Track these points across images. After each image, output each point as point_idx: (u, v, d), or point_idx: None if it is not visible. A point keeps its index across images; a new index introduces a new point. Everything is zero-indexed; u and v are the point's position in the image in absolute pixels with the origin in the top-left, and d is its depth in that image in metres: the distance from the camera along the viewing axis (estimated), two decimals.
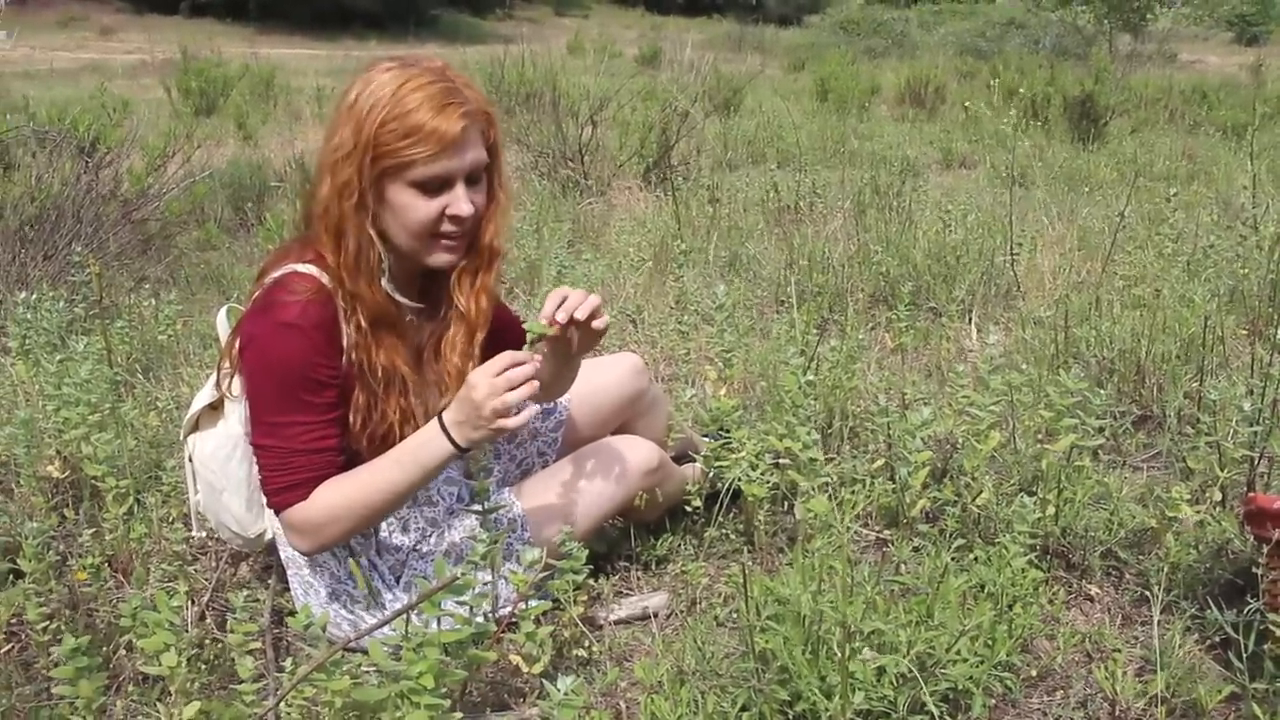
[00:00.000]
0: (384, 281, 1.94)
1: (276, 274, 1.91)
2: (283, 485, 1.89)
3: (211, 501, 2.18)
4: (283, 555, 2.13)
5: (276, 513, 1.94)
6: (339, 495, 1.89)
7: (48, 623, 1.95)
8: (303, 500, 1.89)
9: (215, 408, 2.16)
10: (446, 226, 1.91)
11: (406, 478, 1.90)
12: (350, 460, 1.95)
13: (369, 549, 2.06)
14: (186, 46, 14.84)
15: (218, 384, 2.12)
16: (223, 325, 2.22)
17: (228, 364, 2.05)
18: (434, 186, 1.87)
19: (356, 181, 1.85)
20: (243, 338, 1.91)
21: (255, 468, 2.10)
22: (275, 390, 1.87)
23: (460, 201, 1.88)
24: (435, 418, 1.89)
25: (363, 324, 1.91)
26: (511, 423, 1.82)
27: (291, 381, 1.87)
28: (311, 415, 1.88)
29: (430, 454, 1.88)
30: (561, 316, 1.94)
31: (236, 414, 2.11)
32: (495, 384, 1.80)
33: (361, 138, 1.83)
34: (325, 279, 1.90)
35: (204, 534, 2.34)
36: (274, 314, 1.86)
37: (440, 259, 1.95)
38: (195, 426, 2.19)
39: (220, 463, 2.13)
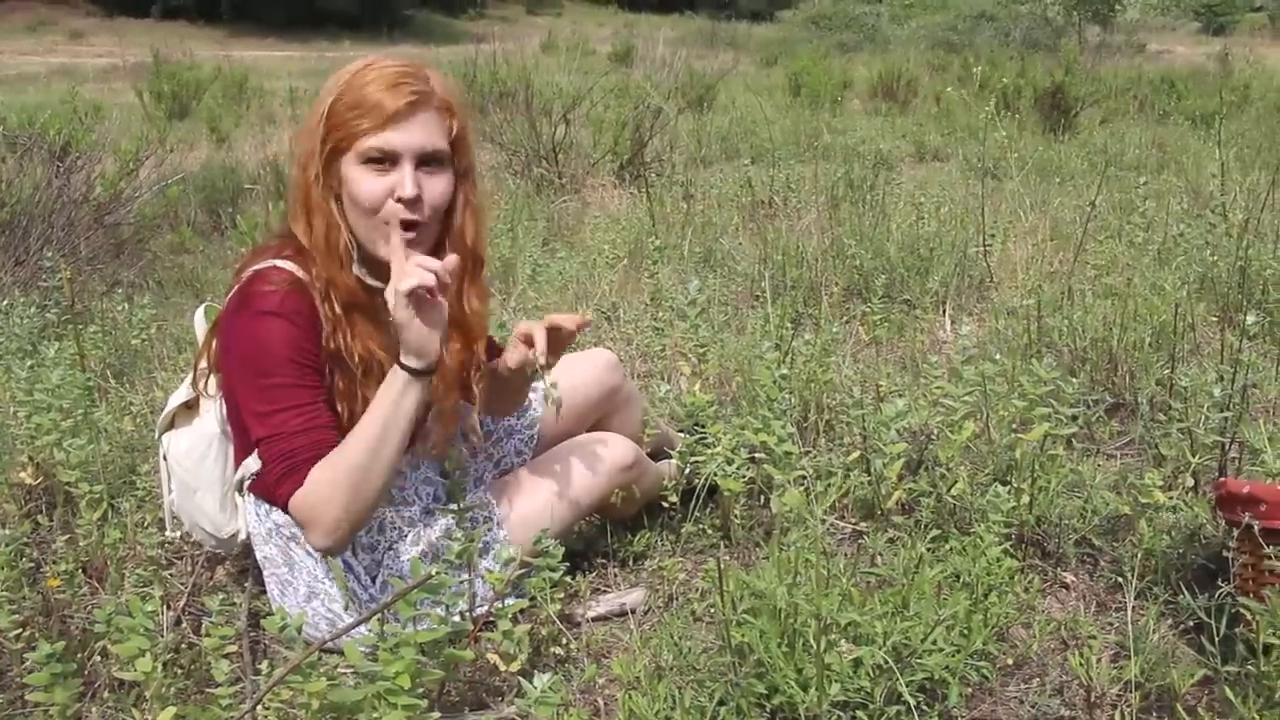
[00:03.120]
0: (355, 268, 1.95)
1: (254, 268, 1.92)
2: (282, 472, 1.87)
3: (185, 501, 2.17)
4: (259, 555, 2.12)
5: (285, 510, 1.91)
6: (328, 467, 1.86)
7: (21, 630, 1.93)
8: (300, 486, 1.86)
9: (190, 406, 2.16)
10: (392, 207, 1.90)
11: (380, 424, 1.86)
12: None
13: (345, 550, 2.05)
14: (158, 50, 14.78)
15: (194, 382, 2.12)
16: (200, 324, 2.21)
17: (205, 362, 2.06)
18: (379, 161, 1.88)
19: (316, 154, 1.90)
20: (224, 332, 1.92)
21: (230, 467, 2.11)
22: (262, 378, 1.87)
23: (405, 181, 1.88)
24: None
25: (336, 309, 1.92)
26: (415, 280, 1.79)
27: (277, 367, 1.87)
28: (301, 397, 1.88)
29: (394, 389, 1.86)
30: (538, 353, 2.01)
31: (212, 412, 2.11)
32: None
33: (318, 113, 1.90)
34: (299, 272, 1.91)
35: (178, 534, 2.33)
36: (254, 304, 1.87)
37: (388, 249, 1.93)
38: (170, 425, 2.19)
39: (195, 461, 2.12)
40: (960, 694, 1.76)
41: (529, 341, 2.05)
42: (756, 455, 2.36)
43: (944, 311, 4.08)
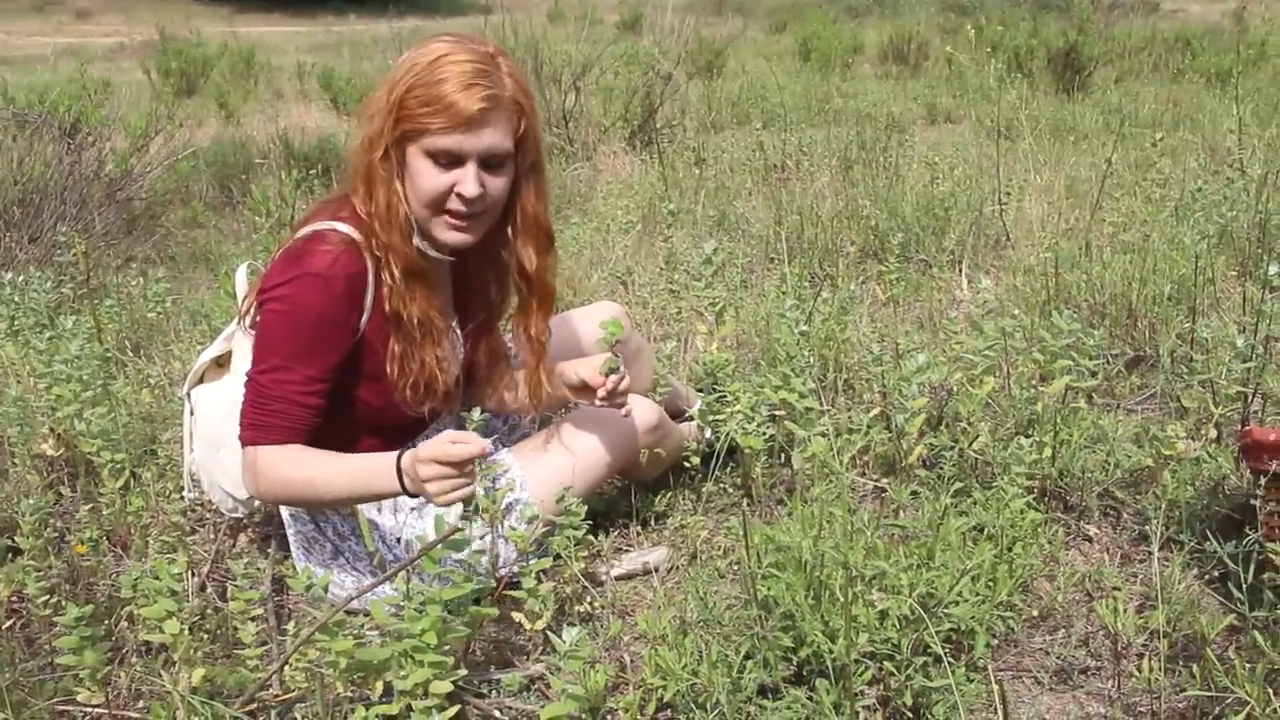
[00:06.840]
0: (417, 240, 1.99)
1: (312, 227, 1.96)
2: (256, 422, 1.93)
3: (207, 459, 2.18)
4: (286, 513, 2.13)
5: (243, 445, 1.96)
6: (295, 473, 1.93)
7: (48, 597, 1.94)
8: (271, 446, 1.92)
9: (221, 364, 2.19)
10: (454, 204, 1.94)
11: (352, 493, 1.95)
12: (392, 411, 2.03)
13: (370, 507, 2.06)
14: (164, 27, 14.76)
15: (241, 319, 2.15)
16: (242, 281, 2.30)
17: (248, 310, 2.10)
18: (445, 160, 1.91)
19: (381, 136, 1.92)
20: (269, 282, 1.94)
21: None
22: (287, 335, 1.91)
23: (468, 181, 1.91)
24: (398, 453, 1.89)
25: (396, 275, 1.96)
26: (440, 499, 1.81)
27: (304, 332, 1.91)
28: (309, 369, 1.92)
29: (381, 485, 1.90)
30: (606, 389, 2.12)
31: (244, 368, 2.12)
32: (437, 469, 1.80)
33: (391, 97, 1.91)
34: (357, 235, 1.95)
35: (196, 495, 2.34)
36: (305, 263, 1.91)
37: (447, 236, 1.99)
38: (199, 381, 2.21)
39: (222, 417, 2.13)
40: (987, 644, 1.76)
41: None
42: (776, 413, 2.36)
43: (960, 270, 4.06)
